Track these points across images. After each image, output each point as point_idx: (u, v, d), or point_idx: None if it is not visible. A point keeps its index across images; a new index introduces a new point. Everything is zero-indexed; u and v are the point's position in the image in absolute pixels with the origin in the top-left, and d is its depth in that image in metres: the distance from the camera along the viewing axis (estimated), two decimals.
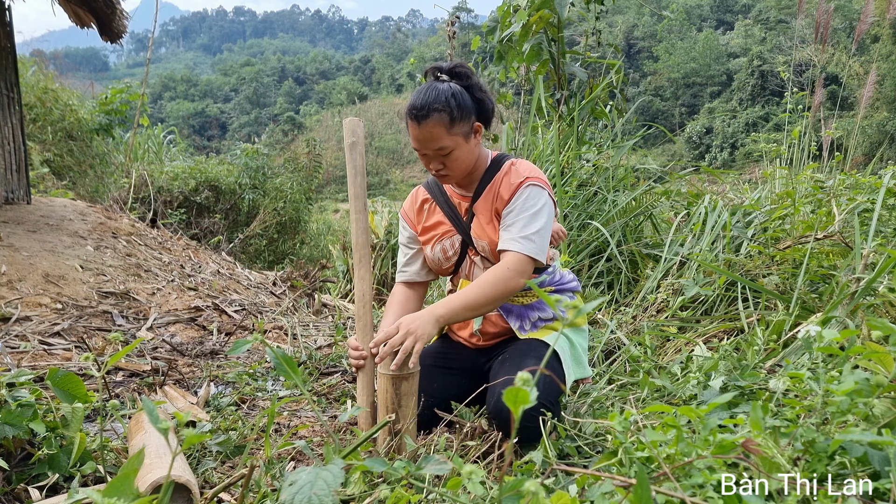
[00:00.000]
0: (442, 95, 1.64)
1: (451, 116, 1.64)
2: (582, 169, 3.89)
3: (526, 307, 1.86)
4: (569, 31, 5.61)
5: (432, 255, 1.90)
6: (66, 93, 7.66)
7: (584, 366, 1.88)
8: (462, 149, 1.70)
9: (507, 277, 1.64)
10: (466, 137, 1.70)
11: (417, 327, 1.56)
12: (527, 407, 0.70)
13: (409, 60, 17.35)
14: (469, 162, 1.75)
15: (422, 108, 1.64)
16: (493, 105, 1.78)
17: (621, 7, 49.85)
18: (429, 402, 1.75)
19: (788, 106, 3.98)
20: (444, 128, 1.65)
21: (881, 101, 27.30)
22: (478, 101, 1.72)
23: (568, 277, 1.99)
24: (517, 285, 1.66)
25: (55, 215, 4.45)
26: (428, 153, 1.70)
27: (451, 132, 1.66)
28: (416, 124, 1.66)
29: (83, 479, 1.45)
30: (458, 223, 1.86)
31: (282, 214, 8.00)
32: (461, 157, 1.71)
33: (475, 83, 1.73)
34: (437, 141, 1.66)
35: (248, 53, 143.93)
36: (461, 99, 1.67)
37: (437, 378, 1.85)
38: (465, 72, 1.73)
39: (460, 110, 1.66)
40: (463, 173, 1.76)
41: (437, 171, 1.74)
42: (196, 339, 3.11)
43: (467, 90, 1.70)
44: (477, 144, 1.76)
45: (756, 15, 50.74)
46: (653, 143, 30.33)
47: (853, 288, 2.02)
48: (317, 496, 0.95)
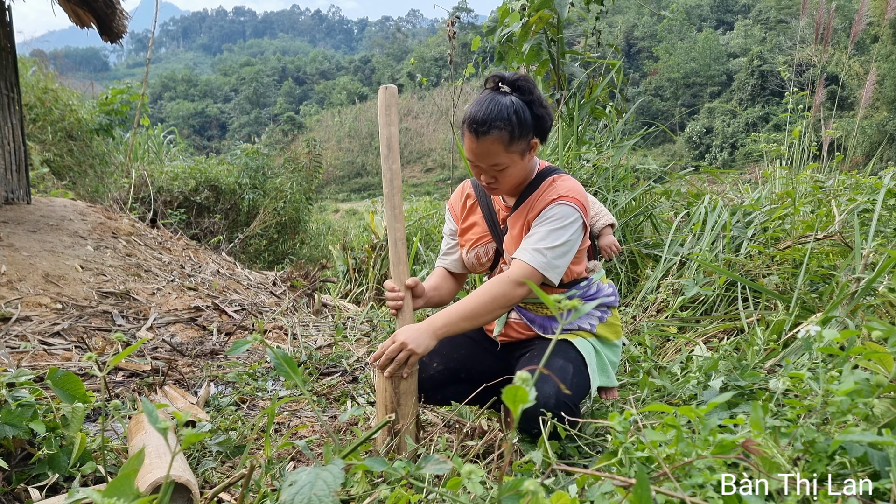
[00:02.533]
0: (504, 112, 1.58)
1: (511, 134, 1.59)
2: (582, 169, 3.89)
3: (550, 318, 1.83)
4: (568, 31, 5.60)
5: (467, 258, 1.90)
6: (66, 93, 7.65)
7: (611, 376, 1.82)
8: (517, 166, 1.66)
9: (507, 289, 1.61)
10: (523, 155, 1.65)
11: (414, 339, 1.55)
12: (551, 399, 0.70)
13: (409, 60, 17.23)
14: (521, 177, 1.72)
15: (483, 122, 1.58)
16: (552, 121, 1.72)
17: (621, 7, 49.86)
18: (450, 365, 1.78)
19: (788, 106, 3.98)
20: (503, 145, 1.60)
21: (881, 101, 27.30)
22: (537, 118, 1.65)
23: (606, 290, 1.92)
24: (517, 296, 1.62)
25: (55, 215, 4.45)
26: (482, 166, 1.66)
27: (508, 150, 1.61)
28: (474, 137, 1.61)
29: (83, 479, 1.45)
30: (495, 230, 1.84)
31: (282, 214, 8.00)
32: (515, 173, 1.67)
33: (537, 98, 1.66)
34: (493, 157, 1.61)
35: (248, 53, 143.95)
36: (523, 116, 1.60)
37: (467, 346, 1.86)
38: (527, 86, 1.66)
39: (521, 128, 1.60)
40: (513, 187, 1.74)
41: (487, 183, 1.71)
42: (196, 339, 3.11)
43: (528, 105, 1.64)
44: (531, 160, 1.72)
45: (756, 15, 50.74)
46: (653, 143, 30.39)
47: (853, 288, 2.02)
48: (317, 496, 0.95)
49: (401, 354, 1.54)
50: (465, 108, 1.72)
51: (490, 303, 1.62)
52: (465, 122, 1.63)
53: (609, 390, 1.91)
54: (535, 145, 1.70)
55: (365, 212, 7.16)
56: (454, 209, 1.97)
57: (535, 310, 1.84)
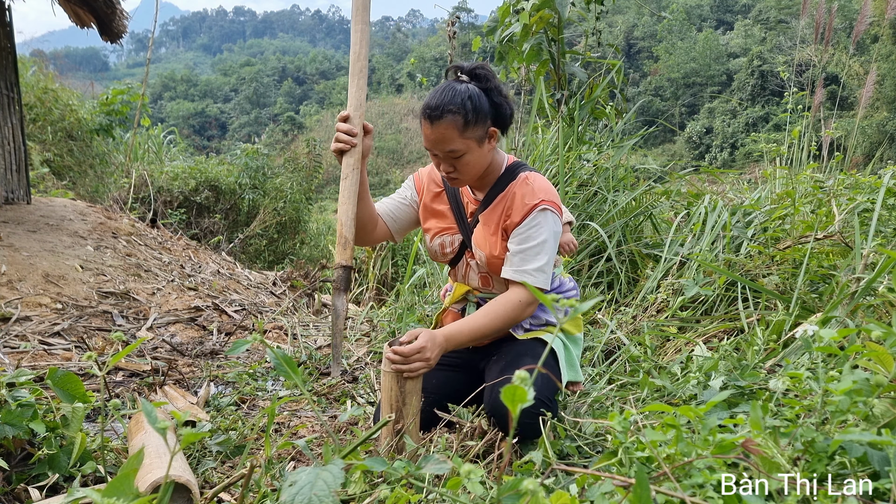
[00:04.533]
0: (458, 97, 1.60)
1: (466, 119, 1.60)
2: (582, 169, 3.89)
3: None
4: (569, 31, 5.61)
5: (431, 245, 1.90)
6: (66, 93, 7.65)
7: (577, 370, 1.88)
8: (474, 153, 1.66)
9: (519, 311, 1.69)
10: (480, 142, 1.65)
11: (432, 356, 1.58)
12: (525, 405, 0.70)
13: (409, 60, 17.25)
14: (480, 167, 1.71)
15: (436, 108, 1.60)
16: (512, 110, 1.73)
17: (621, 7, 49.84)
18: (429, 399, 1.75)
19: (788, 106, 3.98)
20: (457, 130, 1.61)
21: (881, 101, 27.29)
22: (495, 106, 1.67)
23: (568, 285, 1.98)
24: (527, 315, 1.72)
25: (55, 215, 4.45)
26: (439, 154, 1.67)
27: (463, 135, 1.62)
28: (428, 124, 1.62)
29: (83, 479, 1.45)
30: (462, 224, 1.84)
31: (282, 214, 8.00)
32: (472, 161, 1.67)
33: (494, 86, 1.67)
34: (448, 143, 1.62)
35: (248, 53, 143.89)
36: (477, 102, 1.62)
37: (436, 374, 1.85)
38: (485, 73, 1.68)
39: (475, 113, 1.61)
40: (473, 178, 1.73)
41: (447, 173, 1.71)
42: (196, 339, 3.11)
43: (486, 93, 1.65)
44: (491, 149, 1.72)
45: (756, 15, 50.72)
46: (653, 143, 30.44)
47: (853, 288, 2.02)
48: (317, 497, 0.95)
49: (417, 364, 1.55)
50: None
51: (501, 324, 1.68)
52: (421, 109, 1.65)
53: (575, 383, 1.96)
54: (495, 134, 1.70)
55: None
56: (420, 181, 1.93)
57: None
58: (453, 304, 1.97)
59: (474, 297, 1.91)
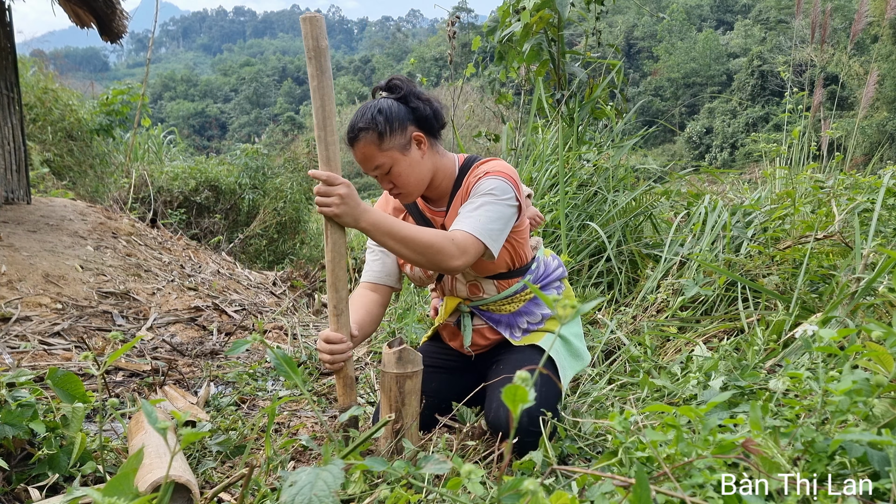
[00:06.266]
0: (368, 113, 1.57)
1: (379, 132, 1.56)
2: (582, 169, 3.89)
3: (514, 315, 1.83)
4: (569, 31, 5.60)
5: (412, 273, 1.81)
6: (66, 93, 7.65)
7: (582, 355, 1.82)
8: (401, 164, 1.59)
9: (445, 243, 1.50)
10: (403, 150, 1.59)
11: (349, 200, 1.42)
12: (523, 417, 0.70)
13: (410, 60, 17.24)
14: (417, 176, 1.63)
15: (351, 129, 1.58)
16: (435, 109, 1.67)
17: (621, 7, 49.80)
18: (429, 403, 1.74)
19: (788, 106, 3.98)
20: (375, 146, 1.57)
21: (881, 101, 27.28)
22: (413, 110, 1.62)
23: (553, 265, 1.90)
24: (450, 262, 1.51)
25: (55, 215, 4.45)
26: (373, 174, 1.63)
27: (382, 148, 1.57)
28: (351, 148, 1.61)
29: (83, 479, 1.45)
30: None
31: (282, 214, 8.00)
32: (404, 171, 1.60)
33: (409, 91, 1.64)
34: (371, 160, 1.59)
35: (248, 53, 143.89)
36: (389, 112, 1.58)
37: (435, 378, 1.84)
38: (398, 83, 1.65)
39: (388, 123, 1.57)
40: (416, 188, 1.65)
41: (389, 190, 1.65)
42: (196, 339, 3.11)
43: (402, 100, 1.62)
44: (423, 155, 1.64)
45: (756, 15, 50.72)
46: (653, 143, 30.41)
47: (853, 288, 2.02)
48: (317, 497, 0.95)
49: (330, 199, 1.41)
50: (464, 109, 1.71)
51: (423, 246, 1.48)
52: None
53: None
54: (421, 139, 1.63)
55: None
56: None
57: (496, 308, 1.82)
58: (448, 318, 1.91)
59: (467, 308, 1.85)
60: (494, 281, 1.79)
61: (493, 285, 1.79)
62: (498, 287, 1.79)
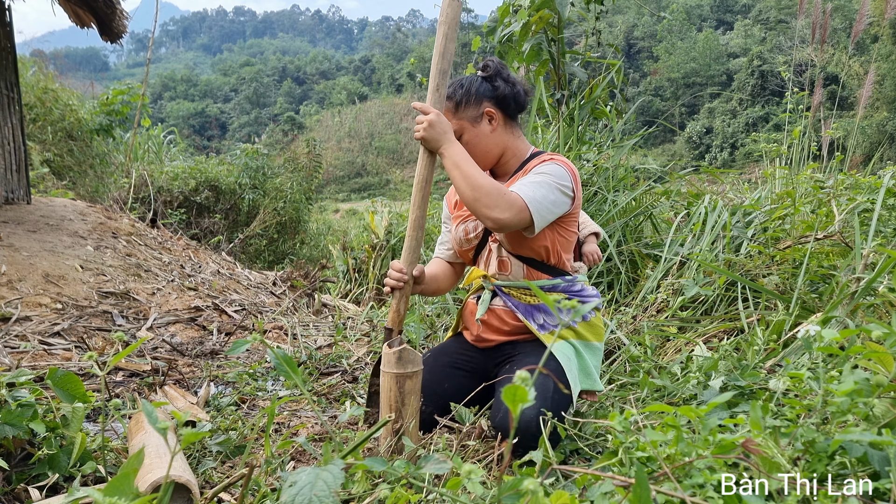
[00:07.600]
0: (456, 83, 1.79)
1: (456, 102, 1.78)
2: (582, 169, 3.89)
3: (532, 307, 1.83)
4: (569, 31, 5.61)
5: (455, 232, 1.93)
6: (66, 93, 7.65)
7: (594, 378, 1.81)
8: (469, 132, 1.79)
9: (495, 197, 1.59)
10: (473, 122, 1.79)
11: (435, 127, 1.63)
12: (533, 421, 0.70)
13: (409, 60, 17.07)
14: (484, 147, 1.82)
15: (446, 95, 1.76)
16: (515, 94, 1.83)
17: (621, 7, 49.83)
18: (440, 402, 1.76)
19: (788, 106, 3.97)
20: (451, 112, 1.78)
21: (881, 101, 27.30)
22: (494, 88, 1.80)
23: (591, 291, 1.92)
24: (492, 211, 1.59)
25: (55, 215, 4.45)
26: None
27: (456, 116, 1.78)
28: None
29: (83, 479, 1.45)
30: None
31: (282, 214, 8.00)
32: (471, 140, 1.79)
33: (495, 73, 1.82)
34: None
35: (248, 53, 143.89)
36: (469, 86, 1.79)
37: (450, 378, 1.85)
38: (489, 64, 1.85)
39: (465, 95, 1.78)
40: (482, 159, 1.82)
41: None
42: (196, 339, 3.11)
43: (486, 79, 1.81)
44: (493, 131, 1.82)
45: (756, 15, 50.74)
46: (653, 143, 30.36)
47: (853, 288, 2.02)
48: (317, 497, 0.95)
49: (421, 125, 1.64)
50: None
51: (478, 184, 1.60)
52: None
53: (590, 393, 1.90)
54: (492, 114, 1.81)
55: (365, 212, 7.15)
56: (449, 196, 2.06)
57: (519, 297, 1.84)
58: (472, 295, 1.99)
59: (490, 284, 1.88)
60: (524, 266, 1.81)
61: (522, 269, 1.82)
62: (526, 273, 1.82)
